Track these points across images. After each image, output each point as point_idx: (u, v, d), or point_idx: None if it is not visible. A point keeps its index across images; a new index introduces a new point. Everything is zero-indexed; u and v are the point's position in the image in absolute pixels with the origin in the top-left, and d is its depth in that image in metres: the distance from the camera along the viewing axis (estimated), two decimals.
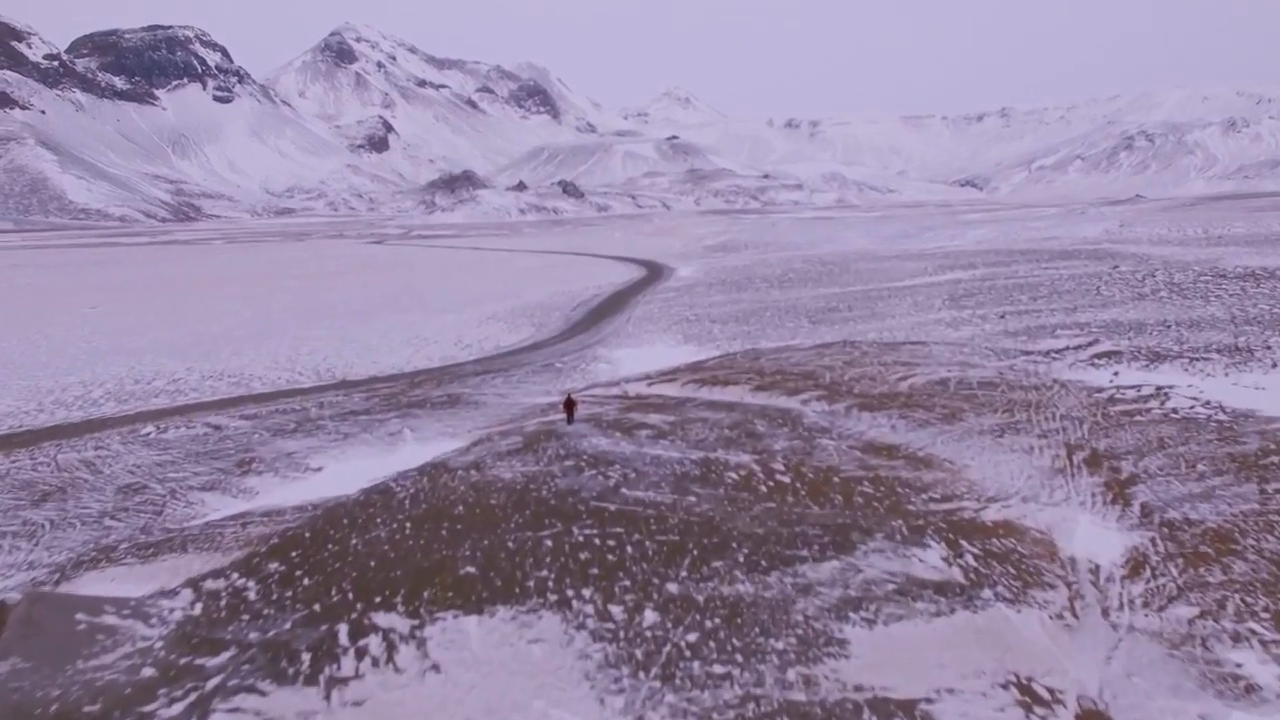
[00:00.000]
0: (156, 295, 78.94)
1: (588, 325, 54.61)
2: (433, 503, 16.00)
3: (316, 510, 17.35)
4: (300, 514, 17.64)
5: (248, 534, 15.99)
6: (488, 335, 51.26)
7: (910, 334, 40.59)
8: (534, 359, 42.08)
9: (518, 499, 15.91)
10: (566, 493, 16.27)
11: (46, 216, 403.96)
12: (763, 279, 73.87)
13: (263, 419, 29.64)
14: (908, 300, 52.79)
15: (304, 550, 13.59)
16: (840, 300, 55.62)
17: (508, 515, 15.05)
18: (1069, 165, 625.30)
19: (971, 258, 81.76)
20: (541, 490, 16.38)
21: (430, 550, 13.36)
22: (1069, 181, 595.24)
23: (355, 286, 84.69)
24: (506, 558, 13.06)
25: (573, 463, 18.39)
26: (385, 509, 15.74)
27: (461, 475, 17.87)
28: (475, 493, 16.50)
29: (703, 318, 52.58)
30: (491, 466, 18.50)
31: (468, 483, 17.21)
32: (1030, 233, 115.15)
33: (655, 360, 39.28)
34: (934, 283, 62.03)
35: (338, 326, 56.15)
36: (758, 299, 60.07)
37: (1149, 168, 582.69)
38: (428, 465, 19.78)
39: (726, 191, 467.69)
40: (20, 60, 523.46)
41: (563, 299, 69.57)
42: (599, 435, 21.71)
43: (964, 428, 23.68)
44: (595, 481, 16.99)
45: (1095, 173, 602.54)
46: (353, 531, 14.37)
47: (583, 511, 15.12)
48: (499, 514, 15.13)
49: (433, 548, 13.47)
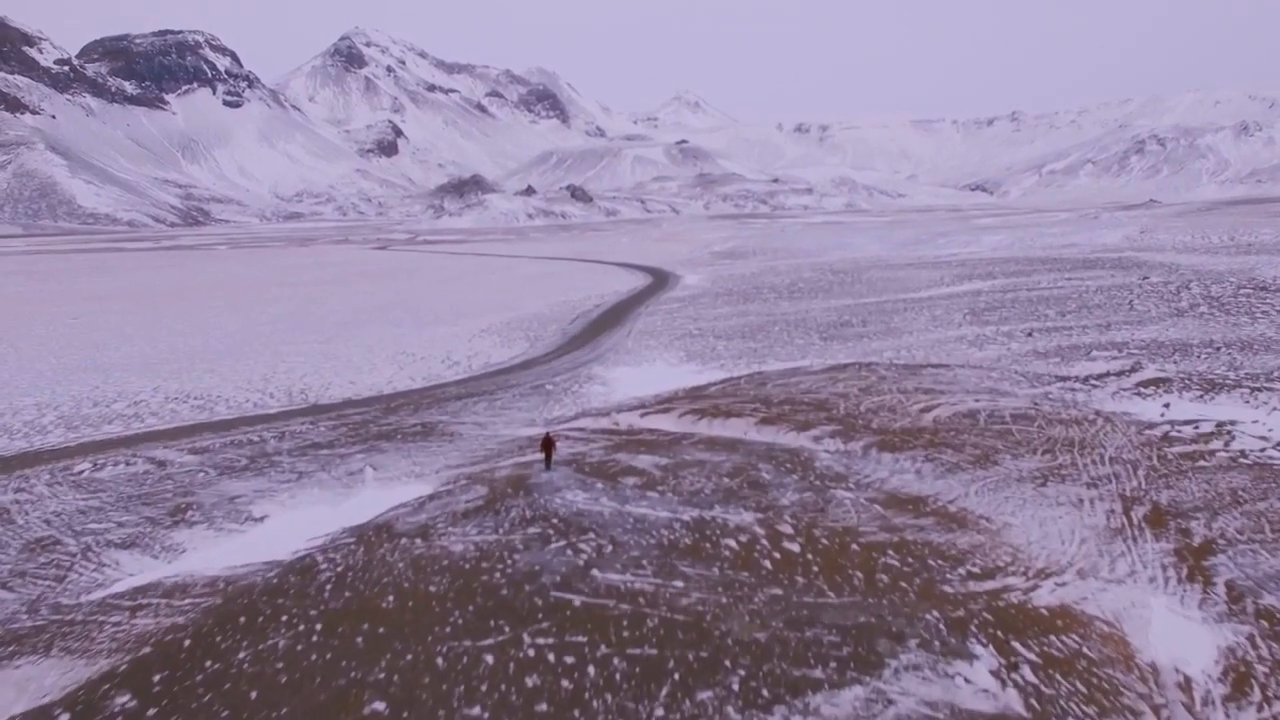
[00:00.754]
0: (145, 304, 76.38)
1: (585, 340, 51.61)
2: (359, 589, 13.01)
3: (226, 588, 14.40)
4: (210, 591, 14.66)
5: (132, 627, 13.02)
6: (478, 351, 48.31)
7: (931, 353, 37.44)
8: (524, 379, 39.08)
9: (463, 586, 12.90)
10: (524, 576, 13.25)
11: (55, 221, 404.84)
12: (771, 288, 70.74)
13: (214, 453, 26.72)
14: (925, 314, 49.59)
15: (174, 670, 10.62)
16: (853, 313, 52.46)
17: (446, 611, 12.03)
18: (1080, 169, 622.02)
19: (989, 266, 78.46)
20: (494, 573, 13.37)
21: (335, 672, 10.36)
22: (1080, 186, 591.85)
23: (350, 295, 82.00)
24: (431, 686, 10.05)
25: (538, 530, 15.38)
26: (299, 598, 12.75)
27: (404, 546, 14.89)
28: (414, 574, 13.51)
29: (707, 332, 49.51)
30: (442, 533, 15.51)
31: (409, 558, 14.22)
32: (1047, 239, 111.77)
33: (654, 382, 36.26)
34: (953, 294, 58.79)
35: (323, 340, 53.32)
36: (765, 311, 56.97)
37: (1160, 172, 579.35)
38: (371, 526, 16.82)
39: (736, 196, 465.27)
40: (31, 65, 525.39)
41: (562, 310, 66.64)
42: (577, 487, 18.67)
43: (1000, 473, 20.56)
44: (562, 559, 13.96)
45: (1106, 177, 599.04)
46: (246, 638, 11.37)
47: (540, 607, 12.09)
48: (436, 610, 12.12)
49: (339, 668, 10.47)
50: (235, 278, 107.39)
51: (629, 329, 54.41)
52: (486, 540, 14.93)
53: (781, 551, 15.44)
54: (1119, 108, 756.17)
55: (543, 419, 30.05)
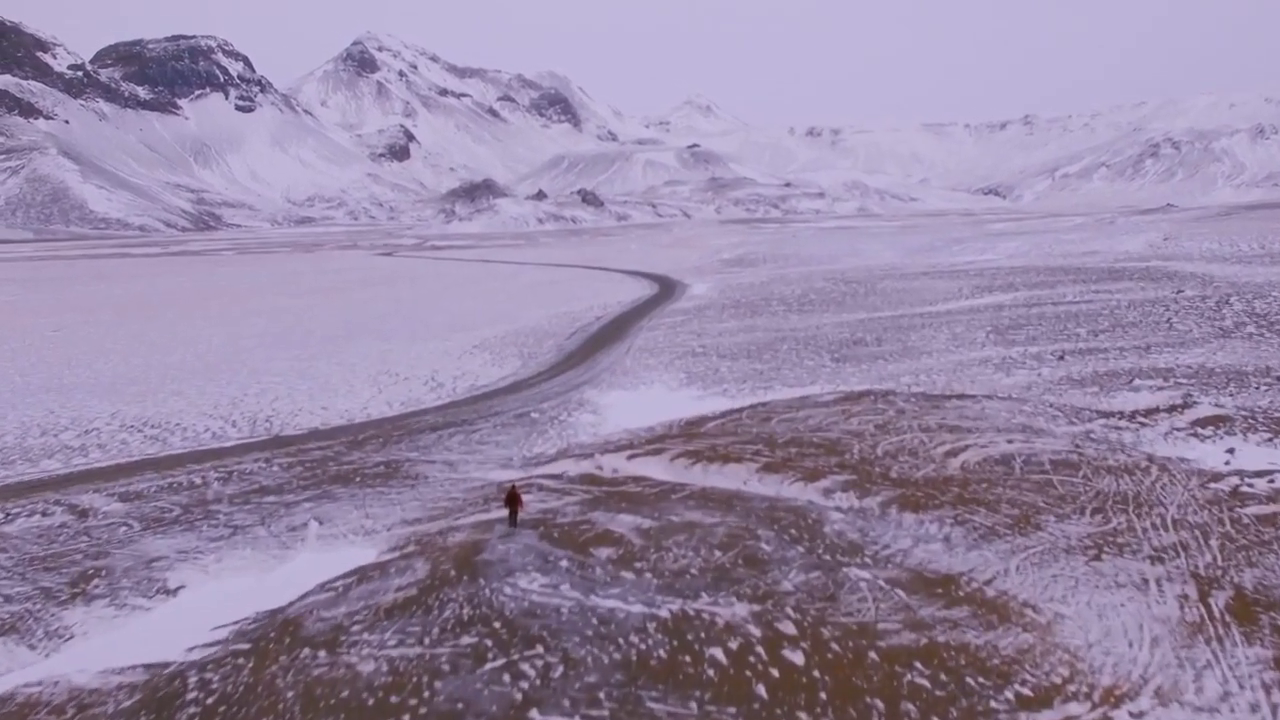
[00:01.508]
0: (133, 315, 73.83)
1: (582, 358, 48.50)
2: None
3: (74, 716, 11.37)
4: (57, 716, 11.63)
5: None
6: (466, 371, 45.27)
7: (953, 379, 34.12)
8: (509, 405, 35.99)
9: None
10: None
11: (67, 226, 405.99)
12: (780, 300, 67.46)
13: (147, 499, 23.74)
14: (944, 331, 46.23)
15: None
16: (866, 329, 49.15)
17: None
18: (1094, 173, 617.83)
19: (1009, 276, 74.93)
20: (402, 715, 10.28)
21: None
22: (1094, 189, 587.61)
23: (345, 305, 79.26)
24: None
25: (475, 639, 12.28)
26: None
27: (304, 661, 11.84)
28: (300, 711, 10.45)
29: (711, 350, 46.30)
30: (355, 640, 12.45)
31: (303, 683, 11.16)
32: (1066, 246, 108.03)
33: (650, 410, 33.10)
34: (973, 308, 55.37)
35: (305, 357, 50.42)
36: (774, 326, 53.71)
37: (1175, 175, 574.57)
38: (282, 618, 13.77)
39: (747, 200, 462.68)
40: (45, 71, 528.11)
41: (561, 323, 63.60)
42: (535, 567, 15.54)
43: (1044, 541, 17.31)
44: (494, 691, 10.85)
45: (1120, 180, 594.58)
46: None
47: None
48: None
49: None
50: (233, 286, 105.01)
51: (629, 345, 51.29)
52: (406, 656, 11.83)
53: (781, 667, 12.26)
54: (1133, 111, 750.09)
55: (521, 457, 26.93)
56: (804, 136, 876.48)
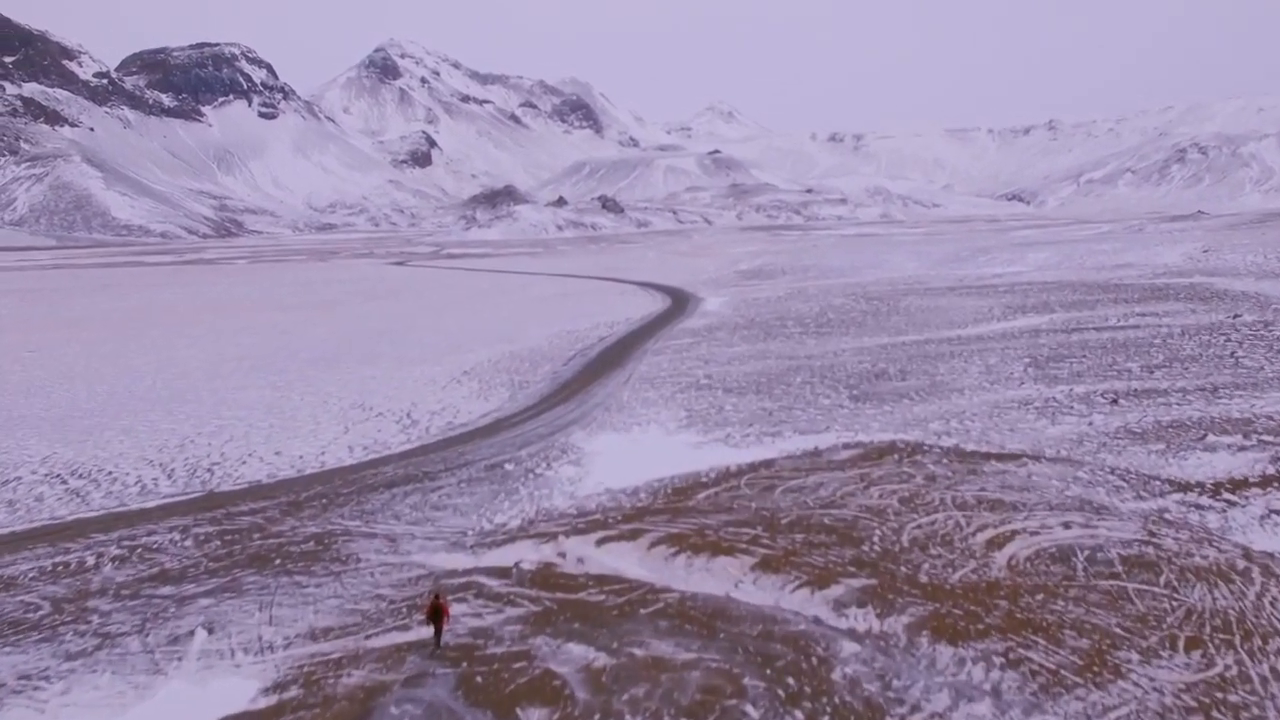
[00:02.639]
0: (119, 332, 70.62)
1: (577, 388, 44.32)
2: None
3: None
4: None
5: None
6: (448, 404, 41.22)
7: (989, 425, 29.57)
8: (483, 452, 31.85)
9: None
10: None
11: (90, 233, 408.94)
12: (796, 319, 63.00)
13: (17, 589, 19.79)
14: (976, 362, 41.58)
15: None
16: (889, 358, 44.60)
17: None
18: (1119, 178, 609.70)
19: (1042, 294, 70.01)
20: None
21: None
22: (1119, 195, 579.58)
23: (343, 320, 75.69)
24: None
25: None
26: None
27: None
28: None
29: (717, 382, 41.95)
30: None
31: None
32: (1098, 258, 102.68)
33: (641, 460, 28.88)
34: (1006, 332, 50.62)
35: (281, 384, 46.65)
36: (787, 353, 49.27)
37: (1202, 181, 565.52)
38: None
39: (769, 206, 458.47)
40: (71, 79, 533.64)
41: (562, 344, 59.56)
42: None
43: (1129, 700, 12.90)
44: None
45: (1146, 186, 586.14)
46: None
47: None
48: None
49: None
50: (233, 298, 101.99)
51: (629, 373, 47.06)
52: None
53: None
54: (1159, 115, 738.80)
55: (477, 531, 22.73)
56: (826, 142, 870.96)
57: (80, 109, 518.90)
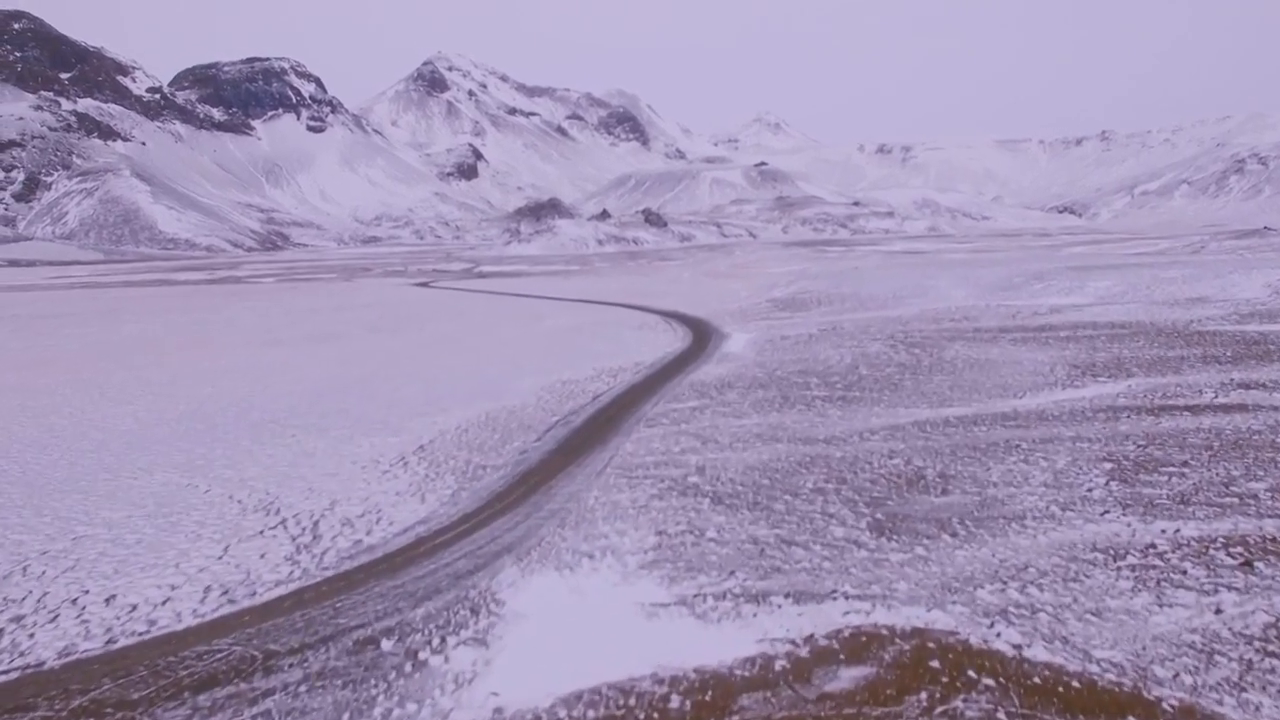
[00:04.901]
0: (76, 376, 64.52)
1: (537, 482, 36.23)
2: None
3: None
4: None
5: None
6: (372, 506, 33.40)
7: (1065, 603, 20.71)
8: (369, 608, 23.83)
9: None
10: None
11: (137, 246, 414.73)
12: (822, 376, 54.22)
13: None
14: (1040, 464, 32.49)
15: None
16: (928, 450, 35.68)
17: None
18: (1174, 190, 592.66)
19: (1111, 342, 60.20)
20: None
21: None
22: (1174, 207, 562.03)
23: (324, 364, 68.83)
24: None
25: None
26: None
27: None
28: None
29: (708, 481, 33.48)
30: None
31: None
32: (1167, 288, 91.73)
33: (571, 639, 20.69)
34: (1075, 409, 41.23)
35: (196, 465, 39.36)
36: (803, 432, 40.55)
37: (1261, 192, 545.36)
38: None
39: (815, 219, 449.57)
40: (125, 94, 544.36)
41: (551, 402, 51.68)
42: None
43: None
44: None
45: (1203, 198, 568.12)
46: None
47: None
48: None
49: None
50: (227, 331, 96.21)
51: (609, 457, 38.85)
52: None
53: None
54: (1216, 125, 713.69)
55: None
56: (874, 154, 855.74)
57: (133, 124, 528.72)
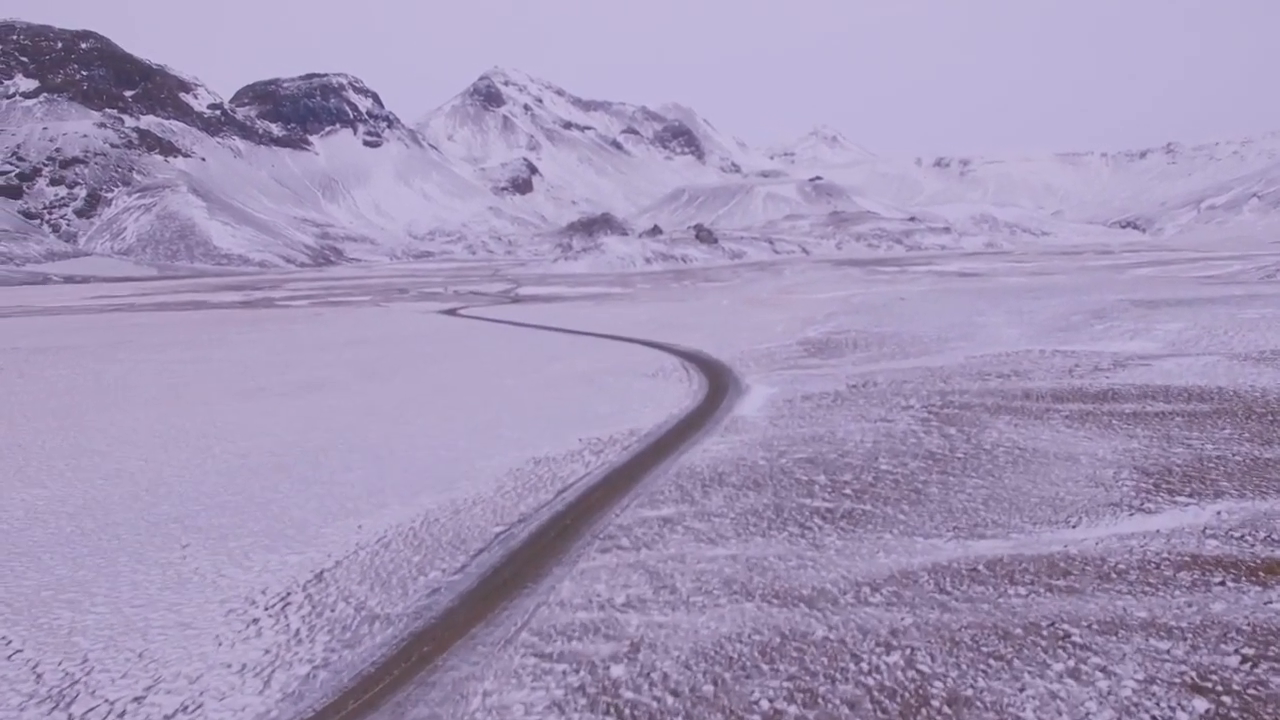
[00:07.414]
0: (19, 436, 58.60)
1: (428, 653, 27.97)
2: None
3: None
4: None
5: None
6: (200, 692, 25.52)
7: None
8: None
9: None
10: None
11: (192, 262, 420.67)
12: (831, 474, 45.02)
13: None
14: (1096, 691, 23.14)
15: None
16: (940, 647, 26.47)
17: None
18: (1243, 204, 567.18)
19: (1188, 428, 49.57)
20: None
21: None
22: (1243, 222, 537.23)
23: (285, 425, 61.87)
24: None
25: None
26: None
27: None
28: None
29: (627, 692, 24.91)
30: None
31: None
32: (1248, 336, 79.64)
33: None
34: (1145, 565, 31.42)
35: (32, 599, 32.11)
36: (784, 584, 31.61)
37: None
38: None
39: (870, 235, 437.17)
40: (186, 111, 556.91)
41: (503, 501, 43.50)
42: None
43: None
44: None
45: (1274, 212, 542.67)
46: None
47: None
48: None
49: None
50: (210, 377, 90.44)
51: (535, 606, 30.46)
52: None
53: None
54: None
55: None
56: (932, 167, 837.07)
57: (193, 140, 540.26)
